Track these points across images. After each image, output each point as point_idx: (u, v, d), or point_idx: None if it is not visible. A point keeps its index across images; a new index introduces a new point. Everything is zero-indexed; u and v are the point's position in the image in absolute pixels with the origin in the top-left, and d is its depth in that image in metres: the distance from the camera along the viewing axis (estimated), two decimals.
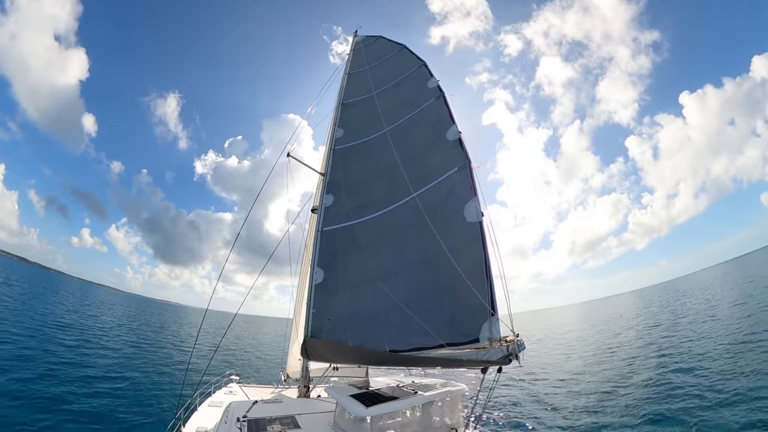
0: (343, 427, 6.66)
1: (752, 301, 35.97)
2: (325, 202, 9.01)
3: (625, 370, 20.40)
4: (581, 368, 23.05)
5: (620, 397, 15.58)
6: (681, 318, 38.42)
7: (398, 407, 6.49)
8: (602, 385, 17.90)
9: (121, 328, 42.83)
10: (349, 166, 9.61)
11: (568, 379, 20.42)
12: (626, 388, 16.64)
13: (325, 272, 7.98)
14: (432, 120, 8.86)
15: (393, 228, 7.95)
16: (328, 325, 7.37)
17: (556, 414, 14.67)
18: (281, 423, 6.64)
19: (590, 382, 19.01)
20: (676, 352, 21.95)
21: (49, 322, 33.45)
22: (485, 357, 5.15)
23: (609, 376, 19.69)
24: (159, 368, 22.94)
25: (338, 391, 7.11)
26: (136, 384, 18.13)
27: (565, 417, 14.15)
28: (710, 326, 28.02)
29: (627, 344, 29.48)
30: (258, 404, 7.67)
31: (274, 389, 11.20)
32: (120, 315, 62.87)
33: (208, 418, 7.98)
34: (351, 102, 11.29)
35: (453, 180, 7.49)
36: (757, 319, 26.14)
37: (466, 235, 6.69)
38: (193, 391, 9.09)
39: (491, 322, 5.63)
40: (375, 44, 13.12)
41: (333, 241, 8.33)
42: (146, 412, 14.36)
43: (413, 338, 6.25)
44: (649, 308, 63.86)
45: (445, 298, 6.51)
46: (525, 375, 22.34)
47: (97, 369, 19.94)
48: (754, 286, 52.62)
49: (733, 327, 25.36)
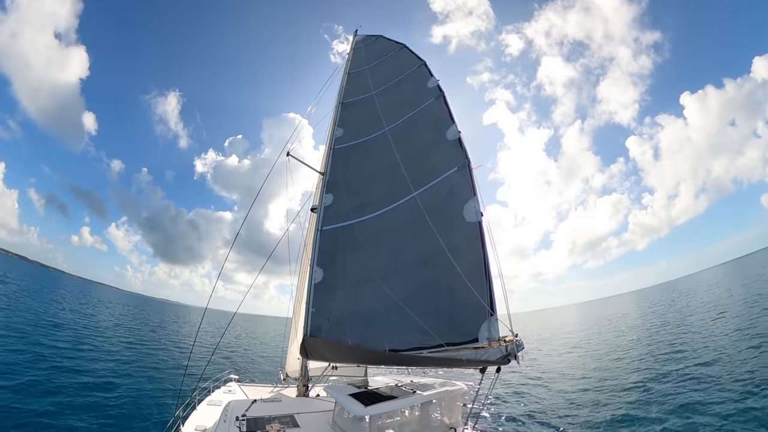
0: (341, 426, 6.66)
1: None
2: (325, 202, 9.01)
3: (624, 369, 20.44)
4: (580, 368, 23.10)
5: (618, 396, 15.61)
6: (688, 316, 38.46)
7: (397, 406, 6.49)
8: (602, 385, 17.94)
9: (119, 327, 42.82)
10: (349, 166, 9.61)
11: (568, 379, 20.46)
12: (624, 388, 16.66)
13: (324, 271, 7.98)
14: (432, 119, 8.85)
15: (392, 227, 7.95)
16: (327, 324, 7.37)
17: (555, 414, 14.69)
18: (280, 422, 6.64)
19: (588, 382, 19.03)
20: (684, 349, 21.99)
21: (43, 319, 33.42)
22: (484, 357, 5.15)
23: (610, 374, 19.72)
24: (158, 367, 22.96)
25: (337, 390, 7.12)
26: (135, 383, 18.13)
27: (563, 417, 14.17)
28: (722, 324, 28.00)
29: (627, 344, 29.52)
30: (257, 403, 7.68)
31: (273, 388, 11.21)
32: (119, 314, 62.88)
33: (207, 417, 7.99)
34: (351, 101, 11.29)
35: (452, 180, 7.49)
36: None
37: (465, 234, 6.69)
38: (192, 390, 9.10)
39: (490, 322, 5.64)
40: (375, 44, 13.12)
41: (332, 240, 8.33)
42: (145, 411, 14.36)
43: (412, 338, 6.25)
44: (653, 308, 63.89)
45: (444, 298, 6.51)
46: (523, 375, 22.38)
47: (95, 368, 19.94)
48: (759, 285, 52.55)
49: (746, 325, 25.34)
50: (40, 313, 37.54)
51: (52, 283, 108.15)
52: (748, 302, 36.15)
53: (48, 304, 49.01)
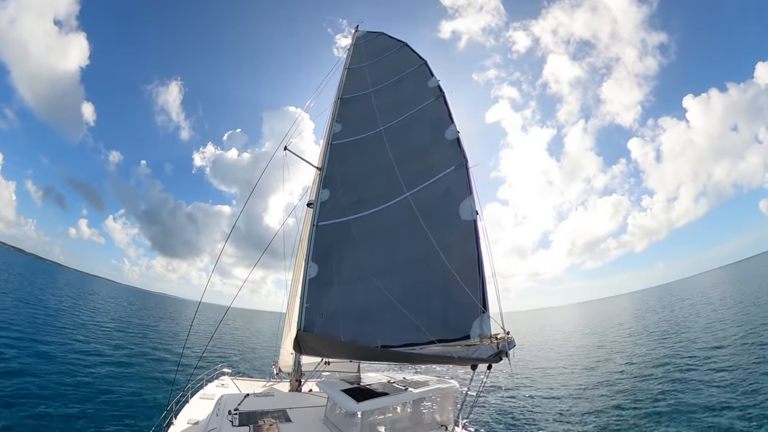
0: (334, 421, 6.69)
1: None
2: (321, 197, 8.98)
3: (621, 368, 20.56)
4: (573, 367, 23.20)
5: (613, 394, 15.70)
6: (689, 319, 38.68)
7: (389, 403, 6.52)
8: (595, 383, 18.04)
9: (115, 320, 42.78)
10: (347, 162, 9.59)
11: (561, 377, 20.55)
12: (618, 389, 16.77)
13: (319, 267, 7.97)
14: (431, 119, 8.85)
15: (389, 225, 7.95)
16: (321, 319, 7.37)
17: (546, 411, 14.77)
18: (273, 416, 6.67)
19: (583, 381, 19.14)
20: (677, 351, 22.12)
21: (41, 313, 33.35)
22: (475, 354, 5.16)
23: (603, 375, 19.83)
24: (152, 360, 22.97)
25: (330, 385, 7.14)
26: (128, 376, 18.15)
27: (554, 414, 14.24)
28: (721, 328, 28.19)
29: (626, 343, 29.68)
30: (250, 397, 7.70)
31: (266, 383, 11.24)
32: (115, 307, 62.82)
33: (199, 411, 8.01)
34: (350, 97, 11.24)
35: (450, 178, 7.51)
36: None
37: (460, 232, 6.71)
38: (185, 384, 9.12)
39: (482, 320, 5.66)
40: (376, 40, 13.05)
41: (328, 236, 8.31)
42: (138, 404, 14.39)
43: (405, 334, 6.26)
44: (651, 309, 64.20)
45: (438, 296, 6.53)
46: (515, 372, 22.46)
47: (90, 360, 19.94)
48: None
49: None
50: (32, 304, 37.49)
51: (47, 276, 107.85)
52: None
53: (40, 295, 48.92)
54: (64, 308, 41.15)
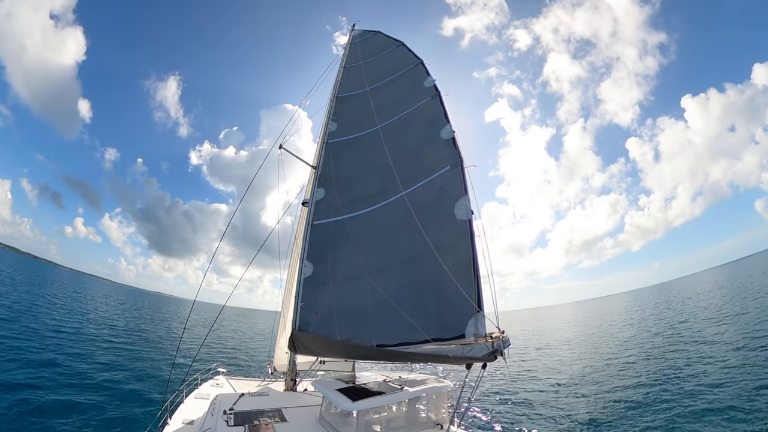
0: (329, 420, 6.68)
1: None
2: (316, 196, 8.97)
3: (618, 368, 20.69)
4: (569, 366, 23.32)
5: (608, 392, 15.79)
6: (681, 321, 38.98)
7: (384, 402, 6.51)
8: (590, 381, 18.14)
9: (110, 319, 42.53)
10: (342, 161, 9.57)
11: (556, 376, 20.64)
12: (613, 387, 16.86)
13: (314, 266, 7.96)
14: (427, 118, 8.83)
15: (384, 224, 7.94)
16: (316, 318, 7.36)
17: (541, 410, 14.83)
18: (268, 416, 6.65)
19: (578, 379, 19.24)
20: (678, 349, 22.28)
21: (23, 310, 33.08)
22: (470, 353, 5.16)
23: (600, 373, 19.95)
24: (147, 360, 22.84)
25: (325, 385, 7.13)
26: (122, 376, 18.03)
27: (550, 413, 14.30)
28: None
29: (623, 344, 29.86)
30: (245, 397, 7.68)
31: (261, 382, 11.21)
32: (111, 306, 62.43)
33: (194, 411, 7.97)
34: (346, 96, 11.23)
35: (445, 178, 7.49)
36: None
37: (455, 232, 6.70)
38: (180, 384, 9.07)
39: (477, 319, 5.65)
40: (372, 39, 13.03)
41: (323, 234, 8.30)
42: (133, 404, 14.30)
43: (400, 333, 6.25)
44: (649, 308, 64.61)
45: (433, 295, 6.52)
46: (511, 371, 22.54)
47: (84, 360, 19.80)
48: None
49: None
50: (23, 304, 37.22)
51: (42, 275, 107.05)
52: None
53: (33, 295, 48.56)
54: (57, 308, 40.84)
